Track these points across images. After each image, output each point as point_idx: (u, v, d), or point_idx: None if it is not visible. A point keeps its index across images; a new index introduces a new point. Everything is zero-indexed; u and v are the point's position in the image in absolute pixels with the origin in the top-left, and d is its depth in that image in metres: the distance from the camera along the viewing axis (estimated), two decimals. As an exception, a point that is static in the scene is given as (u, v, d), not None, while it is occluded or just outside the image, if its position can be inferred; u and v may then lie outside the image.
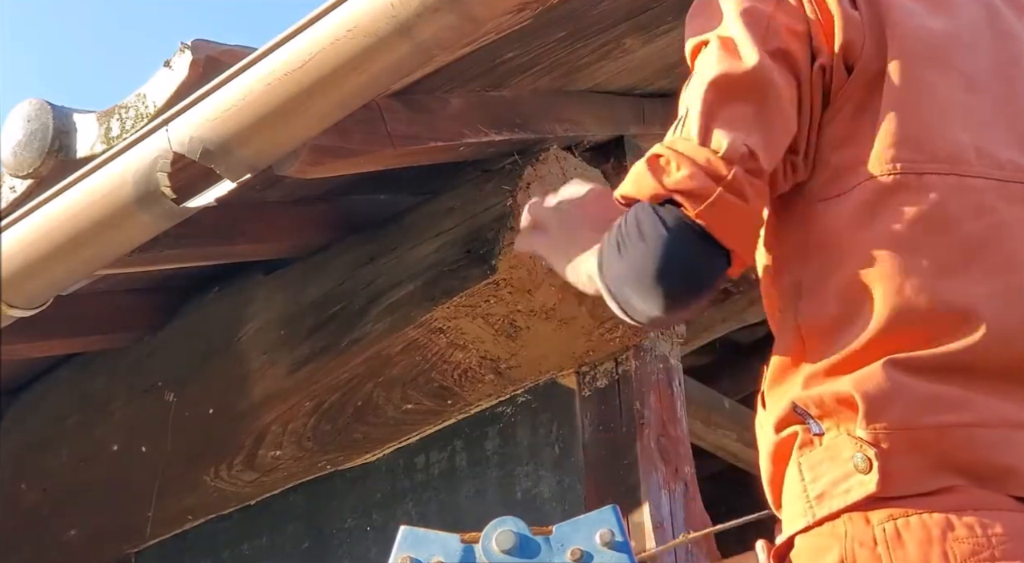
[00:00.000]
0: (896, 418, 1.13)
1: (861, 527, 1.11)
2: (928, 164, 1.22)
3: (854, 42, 1.27)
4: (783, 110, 1.25)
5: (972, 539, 1.06)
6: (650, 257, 1.22)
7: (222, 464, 2.76)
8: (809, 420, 1.18)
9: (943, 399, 1.13)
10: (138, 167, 2.03)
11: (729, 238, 1.22)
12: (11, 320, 2.27)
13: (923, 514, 1.09)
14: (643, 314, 1.26)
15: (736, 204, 1.20)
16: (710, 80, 1.25)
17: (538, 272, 2.38)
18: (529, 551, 1.06)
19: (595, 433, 2.49)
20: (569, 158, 2.57)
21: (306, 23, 1.89)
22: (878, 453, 1.12)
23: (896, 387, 1.14)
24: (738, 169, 1.20)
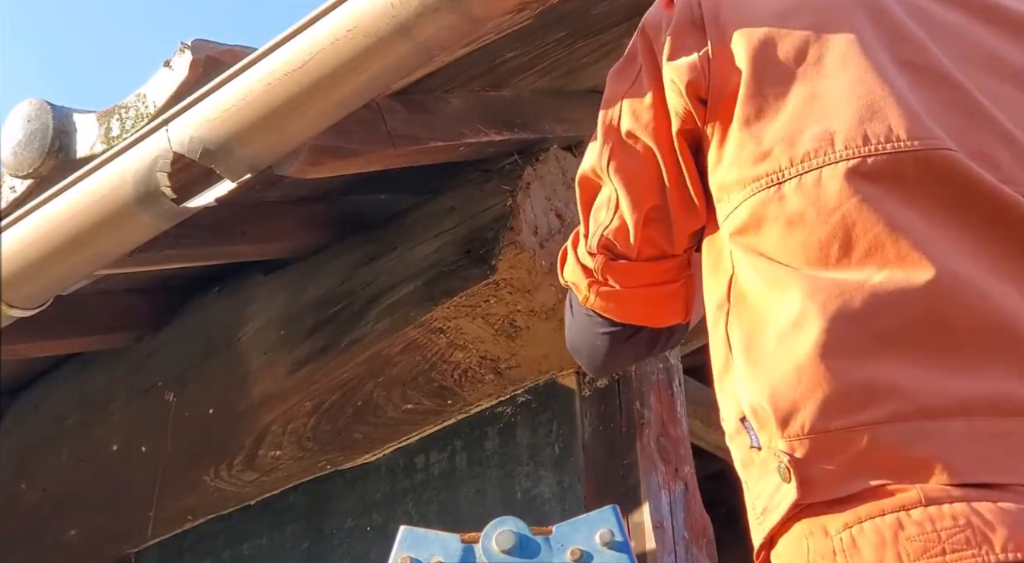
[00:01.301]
0: (805, 424, 1.14)
1: (821, 540, 1.12)
2: (786, 171, 1.23)
3: (695, 81, 1.31)
4: (636, 186, 1.38)
5: (922, 537, 1.06)
6: (567, 336, 1.60)
7: (222, 464, 2.76)
8: (751, 434, 1.20)
9: (852, 397, 1.13)
10: (138, 167, 2.03)
11: (616, 315, 1.48)
12: (11, 320, 2.27)
13: (876, 518, 1.09)
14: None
15: (608, 290, 1.45)
16: (577, 178, 1.45)
17: (538, 272, 2.38)
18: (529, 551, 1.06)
19: (595, 433, 2.49)
20: (569, 158, 2.58)
21: (306, 23, 1.89)
22: (791, 461, 1.13)
23: (803, 392, 1.14)
24: (599, 258, 1.43)
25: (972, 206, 1.20)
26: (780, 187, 1.23)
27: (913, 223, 1.19)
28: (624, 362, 1.64)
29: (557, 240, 2.43)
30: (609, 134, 1.39)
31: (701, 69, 1.31)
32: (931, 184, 1.21)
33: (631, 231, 1.38)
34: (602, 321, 1.49)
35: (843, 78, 1.26)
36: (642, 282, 1.44)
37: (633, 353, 1.62)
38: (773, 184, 1.24)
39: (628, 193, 1.37)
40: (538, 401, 2.59)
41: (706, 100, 1.30)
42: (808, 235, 1.21)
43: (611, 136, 1.39)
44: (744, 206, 1.25)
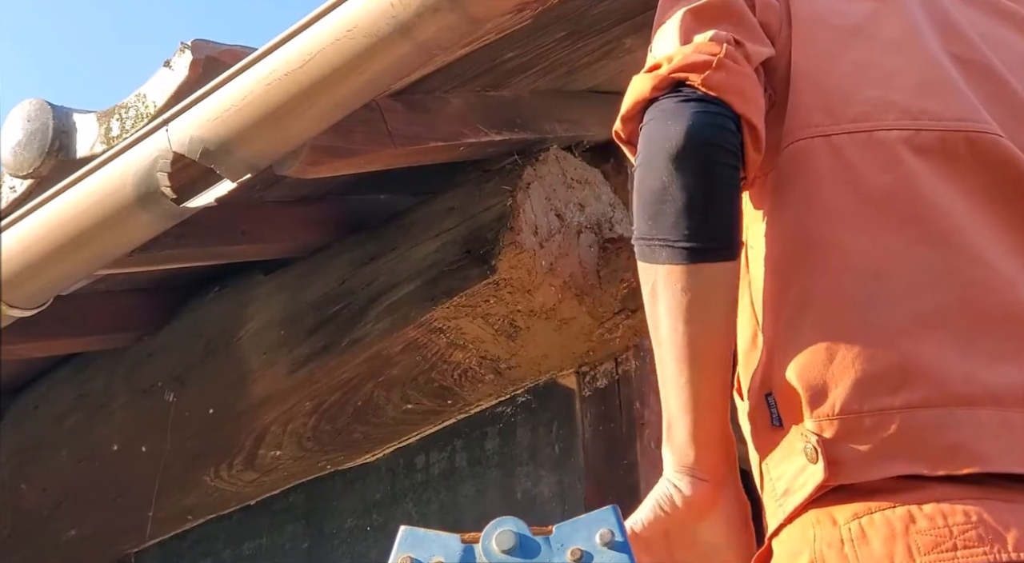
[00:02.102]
0: (836, 404, 1.12)
1: (829, 529, 1.11)
2: (835, 126, 1.24)
3: (771, 24, 1.32)
4: (756, 27, 1.30)
5: (934, 531, 1.06)
6: (669, 131, 1.20)
7: (222, 464, 2.76)
8: (772, 412, 1.18)
9: (886, 379, 1.12)
10: (138, 167, 2.03)
11: (737, 100, 1.21)
12: (11, 320, 2.27)
13: (886, 510, 1.08)
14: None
15: (736, 69, 1.22)
16: (687, 9, 1.29)
17: (538, 272, 2.38)
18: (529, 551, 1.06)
19: (595, 433, 2.49)
20: (569, 158, 2.58)
21: (306, 23, 1.89)
22: (820, 441, 1.12)
23: (836, 371, 1.13)
24: (729, 48, 1.23)
25: (1013, 193, 1.21)
26: (829, 140, 1.23)
27: (956, 203, 1.19)
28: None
29: (557, 240, 2.43)
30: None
31: (775, 15, 1.33)
32: (978, 166, 1.21)
33: (756, 52, 1.28)
34: (710, 106, 1.21)
35: (900, 55, 1.28)
36: (759, 83, 1.27)
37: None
38: (819, 136, 1.23)
39: (756, 29, 1.31)
40: (538, 401, 2.59)
41: (773, 42, 1.32)
42: (847, 196, 1.20)
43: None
44: (787, 151, 1.24)
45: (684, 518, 1.21)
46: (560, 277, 2.42)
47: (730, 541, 1.22)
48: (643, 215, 1.21)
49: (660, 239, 1.19)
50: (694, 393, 1.20)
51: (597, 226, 2.54)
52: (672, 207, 1.18)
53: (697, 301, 1.18)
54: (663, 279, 1.19)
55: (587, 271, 2.48)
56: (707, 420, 1.20)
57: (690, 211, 1.17)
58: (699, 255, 1.18)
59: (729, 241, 1.20)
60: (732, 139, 1.20)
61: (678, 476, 1.21)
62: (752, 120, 1.22)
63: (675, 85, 1.22)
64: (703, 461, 1.21)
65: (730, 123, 1.20)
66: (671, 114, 1.20)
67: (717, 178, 1.19)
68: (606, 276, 2.49)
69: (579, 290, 2.45)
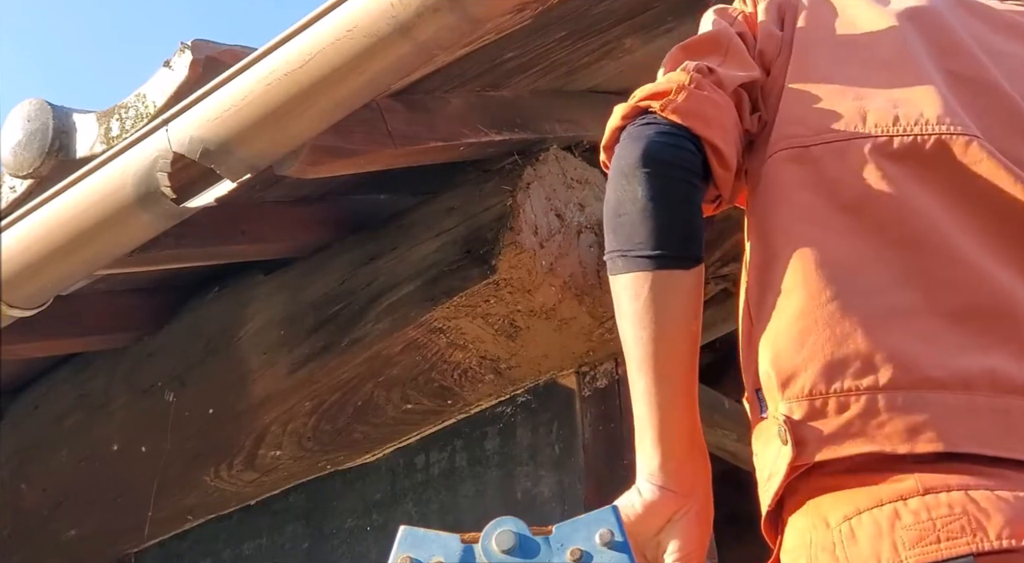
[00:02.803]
0: (804, 386, 1.16)
1: (823, 532, 1.13)
2: (814, 137, 1.29)
3: (768, 51, 1.41)
4: (744, 57, 1.38)
5: (918, 525, 1.08)
6: (627, 151, 1.29)
7: (222, 464, 2.76)
8: (761, 405, 1.22)
9: (853, 363, 1.15)
10: (138, 167, 2.03)
11: (698, 123, 1.28)
12: (11, 320, 2.27)
13: (873, 509, 1.10)
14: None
15: (699, 94, 1.30)
16: (679, 45, 1.41)
17: (538, 272, 2.38)
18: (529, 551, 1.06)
19: (595, 433, 2.49)
20: (569, 158, 2.57)
21: (306, 23, 1.89)
22: (787, 422, 1.15)
23: (806, 356, 1.17)
24: (695, 74, 1.32)
25: (988, 192, 1.24)
26: (807, 150, 1.28)
27: (932, 206, 1.23)
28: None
29: (557, 240, 2.43)
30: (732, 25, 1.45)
31: (775, 44, 1.42)
32: (953, 168, 1.25)
33: (732, 78, 1.36)
34: (669, 130, 1.30)
35: (886, 73, 1.34)
36: (728, 108, 1.35)
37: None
38: (798, 146, 1.29)
39: (741, 55, 1.41)
40: (538, 401, 2.59)
41: (768, 69, 1.41)
42: (823, 201, 1.24)
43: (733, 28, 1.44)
44: (769, 162, 1.30)
45: (644, 522, 1.23)
46: (560, 277, 2.42)
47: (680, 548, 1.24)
48: (607, 231, 1.29)
49: (618, 251, 1.27)
50: (654, 401, 1.23)
51: (597, 226, 2.54)
52: (627, 219, 1.26)
53: (650, 308, 1.23)
54: (622, 288, 1.26)
55: (587, 271, 2.48)
56: (669, 429, 1.23)
57: (642, 222, 1.25)
58: (650, 262, 1.24)
59: (681, 251, 1.25)
60: (689, 157, 1.27)
61: (643, 483, 1.24)
62: (713, 140, 1.29)
63: (641, 113, 1.32)
64: (665, 469, 1.23)
65: (688, 144, 1.28)
66: (633, 138, 1.30)
67: (668, 190, 1.26)
68: (606, 276, 2.49)
69: (579, 290, 2.45)
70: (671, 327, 1.24)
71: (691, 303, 1.26)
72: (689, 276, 1.25)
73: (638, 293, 1.24)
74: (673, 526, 1.24)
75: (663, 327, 1.23)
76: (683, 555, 1.23)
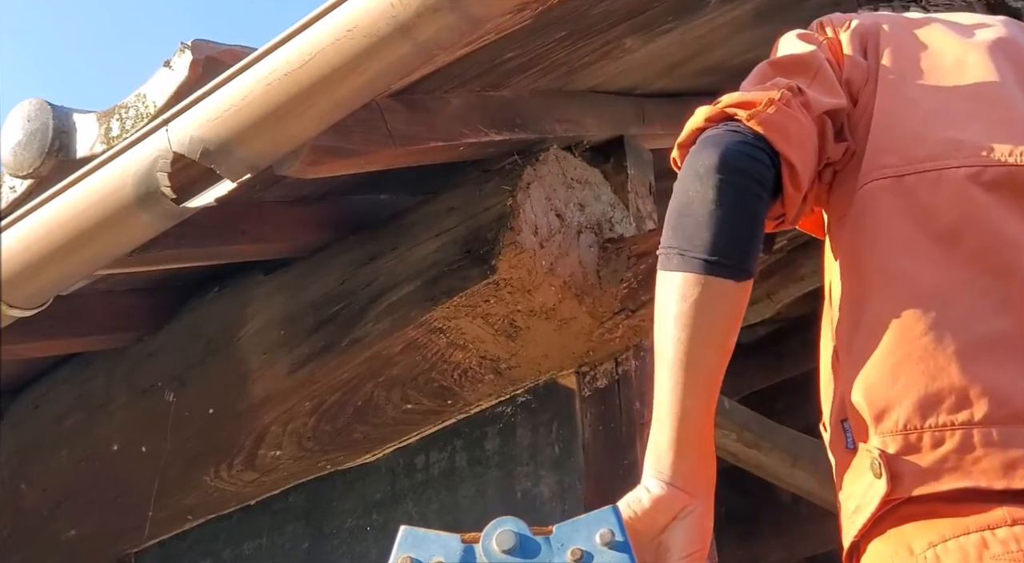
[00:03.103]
0: (899, 421, 1.17)
1: (905, 558, 1.14)
2: (906, 167, 1.30)
3: (855, 80, 1.41)
4: (832, 83, 1.38)
5: (1007, 555, 1.09)
6: (705, 152, 1.29)
7: (222, 464, 2.76)
8: (847, 436, 1.23)
9: (948, 397, 1.16)
10: (138, 167, 2.03)
11: (778, 138, 1.29)
12: (11, 320, 2.27)
13: (960, 537, 1.11)
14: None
15: (786, 111, 1.30)
16: (768, 60, 1.41)
17: (538, 272, 2.38)
18: (529, 551, 1.06)
19: (595, 433, 2.49)
20: (569, 158, 2.57)
21: (306, 23, 1.89)
22: (883, 456, 1.16)
23: (900, 390, 1.17)
24: (786, 92, 1.32)
25: None
26: (900, 180, 1.29)
27: (1022, 233, 1.24)
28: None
29: (557, 240, 2.43)
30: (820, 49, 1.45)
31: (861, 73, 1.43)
32: None
33: (821, 102, 1.37)
34: (750, 140, 1.30)
35: (976, 102, 1.35)
36: (812, 130, 1.36)
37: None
38: (891, 176, 1.30)
39: (831, 81, 1.41)
40: (538, 401, 2.59)
41: (856, 100, 1.41)
42: (916, 231, 1.25)
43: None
44: (861, 192, 1.31)
45: (650, 517, 1.23)
46: (560, 277, 2.42)
47: (684, 548, 1.24)
48: (667, 227, 1.30)
49: (676, 248, 1.27)
50: (677, 402, 1.23)
51: (597, 226, 2.54)
52: (691, 220, 1.26)
53: (696, 311, 1.24)
54: (670, 285, 1.26)
55: (587, 271, 2.48)
56: (688, 430, 1.24)
57: (706, 225, 1.25)
58: (706, 267, 1.24)
59: (738, 262, 1.25)
60: (763, 171, 1.28)
61: (651, 480, 1.25)
62: (790, 158, 1.29)
63: (725, 119, 1.32)
64: (677, 469, 1.24)
65: (765, 156, 1.28)
66: (712, 141, 1.30)
67: (738, 200, 1.27)
68: (606, 276, 2.49)
69: (579, 290, 2.45)
70: (710, 334, 1.25)
71: (734, 314, 1.27)
72: (739, 288, 1.26)
73: (687, 294, 1.24)
74: (678, 525, 1.24)
75: (703, 332, 1.24)
76: (687, 555, 1.23)
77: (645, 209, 2.71)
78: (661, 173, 2.89)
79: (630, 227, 2.62)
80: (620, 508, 1.22)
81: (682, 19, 2.48)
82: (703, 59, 2.70)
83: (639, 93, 2.74)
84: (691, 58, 2.68)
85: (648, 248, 2.47)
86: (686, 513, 1.24)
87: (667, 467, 1.24)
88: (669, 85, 2.75)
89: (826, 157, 1.37)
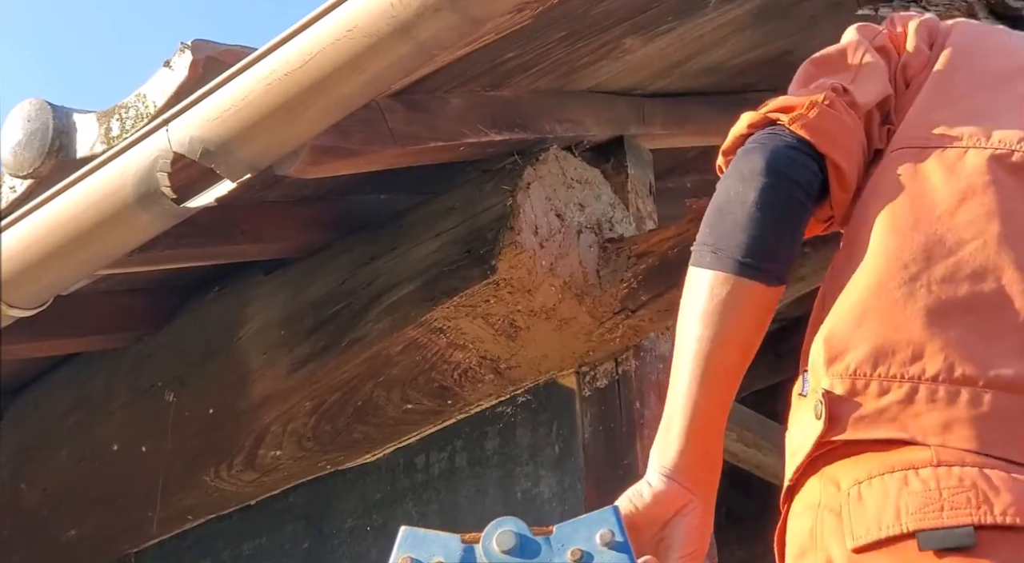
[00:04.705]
0: (851, 365, 1.16)
1: (832, 494, 1.14)
2: (932, 140, 1.30)
3: (911, 65, 1.42)
4: (877, 75, 1.38)
5: (925, 493, 1.09)
6: (749, 157, 1.29)
7: (222, 464, 2.76)
8: (804, 385, 1.22)
9: (905, 350, 1.15)
10: (138, 167, 2.03)
11: (823, 140, 1.29)
12: (11, 320, 2.27)
13: (884, 475, 1.11)
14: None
15: (830, 113, 1.31)
16: (810, 58, 1.40)
17: (538, 272, 2.38)
18: (529, 551, 1.06)
19: (595, 433, 2.49)
20: (569, 158, 2.57)
21: (306, 23, 1.89)
22: (827, 397, 1.16)
23: (859, 336, 1.17)
24: (830, 93, 1.32)
25: None
26: (923, 151, 1.30)
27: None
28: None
29: (557, 240, 2.43)
30: (873, 39, 1.45)
31: (921, 61, 1.43)
32: None
33: (867, 97, 1.38)
34: (793, 143, 1.31)
35: (1020, 108, 1.34)
36: (858, 130, 1.36)
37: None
38: (916, 147, 1.30)
39: (874, 75, 1.41)
40: (538, 401, 2.59)
41: (909, 83, 1.42)
42: (923, 195, 1.25)
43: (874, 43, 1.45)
44: (883, 160, 1.32)
45: (650, 512, 1.23)
46: (560, 277, 2.42)
47: (683, 547, 1.24)
48: (704, 223, 1.30)
49: (709, 245, 1.27)
50: (692, 397, 1.23)
51: (597, 226, 2.54)
52: (731, 220, 1.27)
53: (722, 309, 1.24)
54: (700, 281, 1.26)
55: (587, 271, 2.48)
56: (697, 426, 1.24)
57: (744, 226, 1.25)
58: (738, 267, 1.24)
59: (771, 267, 1.26)
60: (809, 176, 1.29)
61: (654, 474, 1.25)
62: (836, 160, 1.30)
63: (769, 124, 1.32)
64: (681, 464, 1.24)
65: (811, 162, 1.29)
66: (758, 145, 1.30)
67: (779, 206, 1.27)
68: (606, 276, 2.49)
69: (579, 290, 2.45)
70: (734, 335, 1.25)
71: (760, 318, 1.27)
72: (768, 293, 1.26)
73: (715, 292, 1.24)
74: (678, 522, 1.23)
75: (727, 332, 1.24)
76: (687, 553, 1.23)
77: (645, 209, 2.71)
78: (661, 173, 2.89)
79: (630, 227, 2.62)
80: (621, 502, 1.22)
81: (682, 19, 2.48)
82: (703, 59, 2.70)
83: (639, 93, 2.74)
84: (691, 58, 2.67)
85: (648, 248, 2.47)
86: (687, 511, 1.23)
87: (671, 461, 1.23)
88: (669, 85, 2.75)
89: (874, 148, 1.38)
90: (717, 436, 1.26)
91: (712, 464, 1.26)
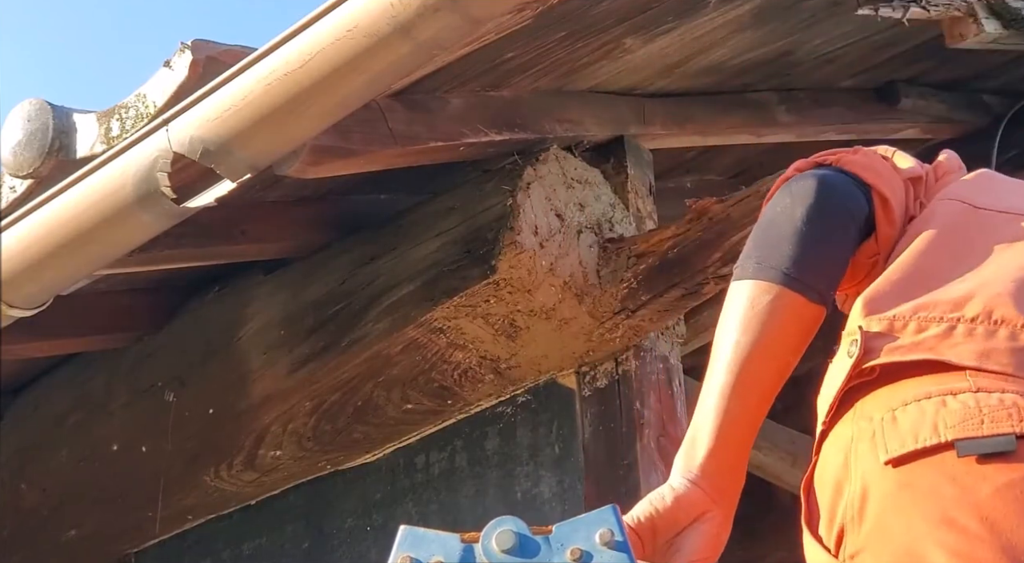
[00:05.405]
0: (891, 310, 1.18)
1: (864, 426, 1.14)
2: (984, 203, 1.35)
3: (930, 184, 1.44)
4: (910, 159, 1.42)
5: (964, 410, 1.09)
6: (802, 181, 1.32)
7: (222, 464, 2.76)
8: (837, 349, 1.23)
9: (940, 302, 1.17)
10: (138, 167, 2.03)
11: (869, 174, 1.33)
12: (11, 320, 2.27)
13: (921, 400, 1.11)
14: None
15: (877, 157, 1.36)
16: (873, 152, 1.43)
17: (538, 272, 2.38)
18: (529, 551, 1.06)
19: (595, 433, 2.49)
20: (569, 158, 2.57)
21: (306, 23, 1.89)
22: (863, 334, 1.17)
23: (897, 295, 1.20)
24: (872, 149, 1.38)
25: None
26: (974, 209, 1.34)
27: None
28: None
29: (557, 240, 2.43)
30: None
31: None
32: None
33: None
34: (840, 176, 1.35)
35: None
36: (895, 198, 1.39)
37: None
38: (965, 203, 1.35)
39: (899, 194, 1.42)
40: (538, 401, 2.59)
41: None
42: (976, 232, 1.29)
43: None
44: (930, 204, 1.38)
45: (671, 515, 1.22)
46: (560, 277, 2.42)
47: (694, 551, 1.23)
48: (749, 240, 1.32)
49: (754, 258, 1.28)
50: (725, 403, 1.23)
51: (597, 226, 2.54)
52: (776, 234, 1.28)
53: (761, 318, 1.24)
54: (741, 290, 1.27)
55: (587, 271, 2.48)
56: (726, 433, 1.24)
57: (790, 242, 1.27)
58: (781, 277, 1.25)
59: (813, 282, 1.27)
60: (858, 203, 1.32)
61: (678, 478, 1.24)
62: (883, 191, 1.33)
63: (816, 166, 1.36)
64: (706, 470, 1.23)
65: (859, 193, 1.32)
66: (809, 174, 1.33)
67: (826, 227, 1.29)
68: (606, 276, 2.49)
69: (579, 290, 2.45)
70: (772, 344, 1.25)
71: (800, 332, 1.27)
72: (809, 308, 1.26)
73: (756, 300, 1.25)
74: (695, 529, 1.23)
75: (764, 340, 1.24)
76: (695, 559, 1.22)
77: (645, 209, 2.71)
78: (661, 173, 2.89)
79: (630, 227, 2.62)
80: (642, 505, 1.22)
81: (682, 19, 2.48)
82: (703, 59, 2.69)
83: (639, 93, 2.73)
84: (691, 58, 2.67)
85: (648, 248, 2.47)
86: (706, 518, 1.23)
87: (697, 466, 1.23)
88: (669, 85, 2.75)
89: (908, 216, 1.38)
90: (744, 449, 1.26)
91: (736, 476, 1.26)
